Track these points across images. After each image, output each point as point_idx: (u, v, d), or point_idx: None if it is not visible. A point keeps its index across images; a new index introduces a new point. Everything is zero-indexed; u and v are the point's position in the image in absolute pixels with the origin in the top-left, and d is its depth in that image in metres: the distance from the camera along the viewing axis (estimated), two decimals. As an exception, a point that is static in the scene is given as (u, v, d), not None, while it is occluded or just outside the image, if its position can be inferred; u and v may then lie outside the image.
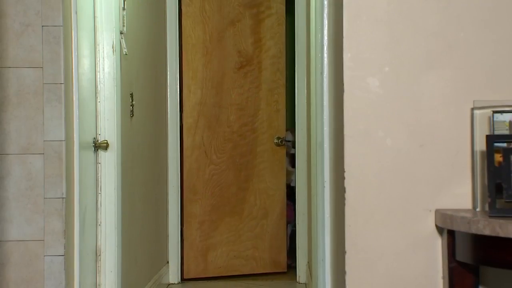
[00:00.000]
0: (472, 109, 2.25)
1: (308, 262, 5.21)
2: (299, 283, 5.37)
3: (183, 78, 5.49)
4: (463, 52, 2.30)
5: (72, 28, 2.92)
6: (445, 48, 2.30)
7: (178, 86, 5.47)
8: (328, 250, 2.89)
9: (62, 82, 2.81)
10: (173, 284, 5.30)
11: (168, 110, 5.38)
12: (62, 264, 2.79)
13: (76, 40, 2.94)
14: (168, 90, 5.40)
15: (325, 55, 2.92)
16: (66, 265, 2.81)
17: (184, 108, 5.46)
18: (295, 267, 5.48)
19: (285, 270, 5.60)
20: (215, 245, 5.50)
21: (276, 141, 5.62)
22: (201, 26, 5.53)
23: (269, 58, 5.67)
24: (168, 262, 5.34)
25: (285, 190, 5.66)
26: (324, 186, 2.89)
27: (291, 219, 5.86)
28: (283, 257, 5.64)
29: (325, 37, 2.91)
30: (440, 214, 2.19)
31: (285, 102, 5.70)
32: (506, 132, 2.16)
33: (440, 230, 2.26)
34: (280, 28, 5.67)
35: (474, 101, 2.26)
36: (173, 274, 5.36)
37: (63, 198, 2.81)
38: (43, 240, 2.79)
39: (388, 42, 2.31)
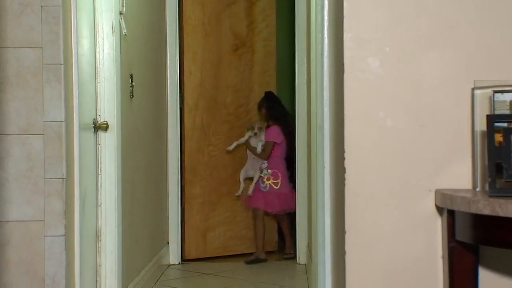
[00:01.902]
0: (473, 89, 2.24)
1: (308, 244, 5.22)
2: (299, 264, 5.39)
3: (183, 59, 5.47)
4: (464, 32, 2.28)
5: (72, 8, 2.90)
6: (446, 28, 2.29)
7: (178, 68, 5.45)
8: (328, 231, 2.89)
9: (62, 63, 2.79)
10: (173, 264, 5.32)
11: (168, 92, 5.37)
12: (62, 244, 2.79)
13: (75, 20, 2.92)
14: (168, 71, 5.39)
15: (325, 35, 2.90)
16: (67, 245, 2.81)
17: (185, 89, 5.45)
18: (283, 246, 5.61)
19: (275, 249, 5.75)
20: (213, 226, 5.53)
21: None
22: (200, 8, 5.51)
23: (261, 40, 5.71)
24: (168, 243, 5.36)
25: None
26: (324, 167, 2.88)
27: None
28: (272, 236, 5.76)
29: (325, 18, 2.89)
30: (440, 194, 2.19)
31: (276, 84, 5.80)
32: (507, 112, 2.15)
33: (440, 210, 2.26)
34: (271, 11, 5.71)
35: (474, 81, 2.25)
36: (173, 255, 5.37)
37: (63, 178, 2.80)
38: (44, 221, 2.79)
39: (389, 22, 2.30)
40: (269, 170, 5.49)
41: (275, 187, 5.50)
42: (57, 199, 2.79)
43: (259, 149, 5.43)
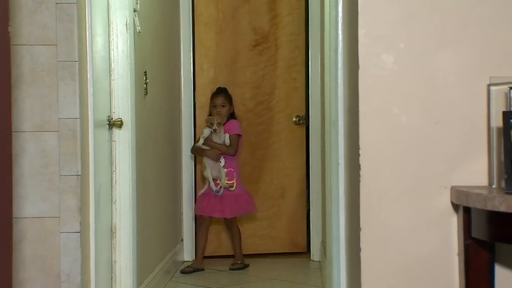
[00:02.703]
0: (489, 85, 2.23)
1: (322, 241, 5.21)
2: (313, 261, 5.38)
3: (195, 56, 5.47)
4: (479, 28, 2.27)
5: (86, 5, 2.91)
6: (460, 24, 2.27)
7: (192, 65, 5.45)
8: (342, 228, 2.88)
9: (76, 60, 2.80)
10: (187, 261, 5.33)
11: (182, 89, 5.38)
12: (77, 240, 2.80)
13: (89, 17, 2.93)
14: (182, 68, 5.39)
15: (340, 32, 2.89)
16: (82, 241, 2.82)
17: (196, 86, 5.44)
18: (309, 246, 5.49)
19: (305, 250, 5.53)
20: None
21: (295, 119, 5.54)
22: (214, 4, 5.50)
23: (286, 35, 5.55)
24: (182, 240, 5.37)
25: (305, 169, 5.54)
26: (339, 164, 2.88)
27: None
28: (302, 237, 5.56)
29: (340, 14, 2.88)
30: (456, 191, 2.18)
31: (304, 79, 5.55)
32: (523, 109, 2.13)
33: (455, 207, 2.25)
34: (299, 4, 5.54)
35: (490, 77, 2.23)
36: (187, 252, 5.38)
37: (78, 175, 2.81)
38: (59, 217, 2.80)
39: (403, 19, 2.28)
40: (225, 170, 5.03)
41: (230, 188, 5.03)
42: (72, 196, 2.80)
43: (227, 141, 5.01)
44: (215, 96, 5.15)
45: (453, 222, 2.26)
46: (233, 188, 5.01)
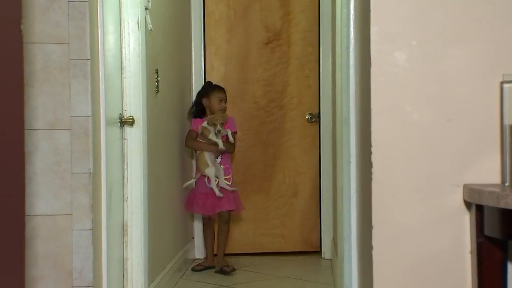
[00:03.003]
0: (501, 82, 2.22)
1: (333, 239, 5.21)
2: (324, 259, 5.38)
3: (206, 54, 5.47)
4: (491, 25, 2.26)
5: (98, 3, 2.92)
6: (473, 21, 2.26)
7: (203, 63, 5.46)
8: (354, 226, 2.88)
9: (88, 58, 2.81)
10: (198, 259, 5.33)
11: (193, 87, 5.39)
12: (89, 238, 2.81)
13: (101, 15, 2.93)
14: (193, 66, 5.40)
15: (351, 29, 2.89)
16: (94, 239, 2.83)
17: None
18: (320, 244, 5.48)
19: (318, 249, 5.50)
20: (240, 222, 5.50)
21: (308, 117, 5.51)
22: (225, 1, 5.50)
23: (299, 32, 5.52)
24: (193, 238, 5.38)
25: (318, 168, 5.50)
26: (350, 162, 2.87)
27: None
28: (315, 236, 5.53)
29: (351, 12, 2.88)
30: (468, 189, 2.17)
31: (318, 77, 5.50)
32: (536, 106, 2.12)
33: (468, 205, 2.24)
34: (312, 1, 5.51)
35: (503, 74, 2.22)
36: (198, 250, 5.39)
37: (90, 173, 2.82)
38: (71, 215, 2.81)
39: (416, 16, 2.28)
40: (222, 166, 4.90)
41: (228, 183, 4.89)
42: (84, 193, 2.81)
43: (231, 137, 4.87)
44: (218, 90, 4.98)
45: (466, 220, 2.25)
46: (230, 184, 4.89)
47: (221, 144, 4.78)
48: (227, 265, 4.88)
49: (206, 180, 4.82)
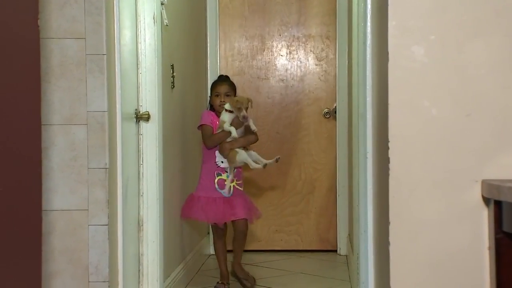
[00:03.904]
0: (521, 77, 2.19)
1: (348, 235, 5.20)
2: (340, 255, 5.37)
3: (220, 49, 5.46)
4: (511, 19, 2.23)
5: (114, -2, 2.93)
6: (493, 14, 2.24)
7: (218, 58, 5.46)
8: (370, 222, 2.87)
9: (105, 53, 2.82)
10: (213, 255, 5.33)
11: (208, 82, 5.38)
12: (106, 233, 2.82)
13: (118, 10, 2.94)
14: (208, 61, 5.40)
15: (368, 24, 2.87)
16: (110, 234, 2.84)
17: (220, 79, 5.43)
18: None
19: (335, 249, 5.46)
20: (254, 218, 5.47)
21: (325, 112, 5.46)
22: (239, -5, 5.49)
23: (315, 26, 5.49)
24: (208, 233, 5.38)
25: (336, 164, 5.46)
26: (367, 157, 2.86)
27: None
28: (332, 234, 5.49)
29: (368, 6, 2.86)
30: (487, 184, 2.16)
31: (337, 71, 5.45)
32: (556, 101, 2.10)
33: (486, 200, 2.22)
34: None
35: (523, 69, 2.20)
36: (213, 246, 5.39)
37: (106, 168, 2.83)
38: (87, 210, 2.82)
39: (434, 10, 2.26)
40: (235, 169, 4.22)
41: (240, 188, 4.26)
42: (100, 189, 2.82)
43: (253, 127, 4.20)
44: (218, 84, 4.28)
45: (484, 216, 2.23)
46: (242, 189, 4.28)
47: (234, 132, 4.09)
48: (247, 276, 4.38)
49: (216, 183, 4.17)
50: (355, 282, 3.83)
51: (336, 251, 5.46)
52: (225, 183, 4.16)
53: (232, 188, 4.20)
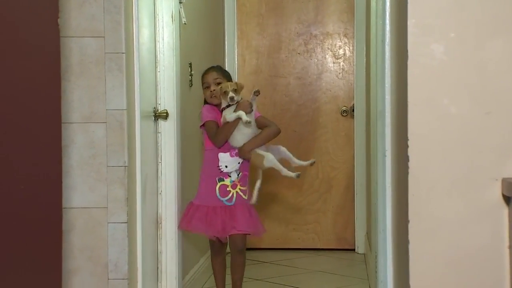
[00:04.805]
0: (542, 75, 2.18)
1: (366, 233, 5.19)
2: (358, 253, 5.36)
3: (237, 47, 5.47)
4: (531, 16, 2.22)
5: (133, -3, 2.94)
6: (511, 12, 2.23)
7: (236, 56, 5.46)
8: (389, 220, 2.86)
9: (123, 52, 2.83)
10: (229, 253, 5.34)
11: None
12: (125, 231, 2.83)
13: (136, 9, 2.95)
14: (226, 59, 5.41)
15: (387, 22, 2.87)
16: (129, 232, 2.86)
17: (238, 77, 5.44)
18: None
19: (353, 247, 5.45)
20: (272, 216, 5.48)
21: (343, 110, 5.44)
22: (256, -6, 5.49)
23: (333, 23, 5.48)
24: (226, 231, 5.39)
25: (353, 162, 5.45)
26: (386, 156, 2.85)
27: None
28: (350, 233, 5.48)
29: (387, 4, 2.85)
30: (507, 183, 2.15)
31: (354, 70, 5.43)
32: None
33: (506, 199, 2.21)
34: None
35: (543, 66, 2.19)
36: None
37: (125, 166, 2.84)
38: (106, 208, 2.84)
39: (453, 8, 2.25)
40: (240, 173, 3.66)
41: (243, 196, 3.65)
42: (119, 187, 2.83)
43: (246, 118, 3.52)
44: (205, 74, 3.73)
45: (504, 215, 2.22)
46: (246, 197, 3.67)
47: (244, 115, 3.50)
48: None
49: (217, 190, 3.61)
50: (373, 280, 3.82)
51: (354, 249, 5.45)
52: (228, 189, 3.61)
53: (235, 195, 3.63)
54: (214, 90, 3.62)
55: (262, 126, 3.66)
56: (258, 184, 3.63)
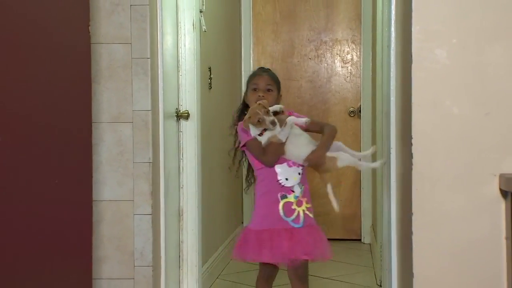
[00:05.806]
0: (538, 78, 2.16)
1: (372, 224, 5.17)
2: (364, 243, 5.34)
3: (253, 53, 5.47)
4: (528, 23, 2.20)
5: (157, 7, 2.94)
6: (511, 19, 2.21)
7: (252, 61, 5.46)
8: (394, 213, 2.85)
9: (149, 57, 2.83)
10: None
11: (242, 84, 5.39)
12: (149, 222, 2.84)
13: (160, 18, 2.96)
14: (242, 64, 5.40)
15: (392, 29, 2.85)
16: (153, 223, 2.86)
17: (254, 81, 5.42)
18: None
19: (359, 238, 5.42)
20: (285, 208, 5.46)
21: (350, 111, 5.42)
22: (271, 4, 5.49)
23: (342, 29, 5.47)
24: (242, 223, 5.39)
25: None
26: (391, 153, 2.84)
27: None
28: (357, 224, 5.46)
29: (393, 12, 2.84)
30: (505, 178, 2.13)
31: (362, 74, 5.40)
32: None
33: (504, 193, 2.19)
34: (354, 1, 5.43)
35: (539, 70, 2.17)
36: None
37: (150, 162, 2.85)
38: (133, 201, 2.84)
39: (456, 15, 2.23)
40: (303, 186, 3.05)
41: (310, 215, 2.99)
42: (144, 181, 2.84)
43: (304, 119, 3.06)
44: (257, 75, 3.08)
45: (502, 208, 2.21)
46: (312, 215, 3.02)
47: (277, 127, 2.87)
48: None
49: (280, 208, 2.88)
50: (379, 268, 3.81)
51: (360, 240, 5.43)
52: (292, 207, 2.92)
53: (303, 215, 2.95)
54: (263, 96, 2.96)
55: (315, 128, 3.11)
56: (330, 188, 3.06)
